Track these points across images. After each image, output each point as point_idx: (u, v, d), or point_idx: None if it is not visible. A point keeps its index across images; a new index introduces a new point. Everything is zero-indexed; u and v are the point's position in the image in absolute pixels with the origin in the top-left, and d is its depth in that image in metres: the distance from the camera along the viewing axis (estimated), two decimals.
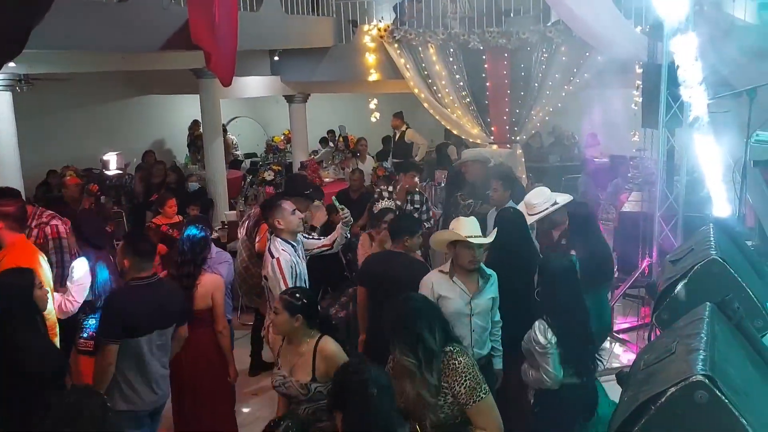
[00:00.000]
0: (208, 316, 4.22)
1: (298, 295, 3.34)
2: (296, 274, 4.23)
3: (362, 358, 3.28)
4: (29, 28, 3.13)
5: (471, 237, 3.70)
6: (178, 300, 3.95)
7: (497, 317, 3.93)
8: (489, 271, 3.86)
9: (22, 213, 4.17)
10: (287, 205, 4.34)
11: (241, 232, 5.72)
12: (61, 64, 7.56)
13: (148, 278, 3.79)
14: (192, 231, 4.37)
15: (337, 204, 4.82)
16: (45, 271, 3.99)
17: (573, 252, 4.28)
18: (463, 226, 3.78)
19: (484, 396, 2.86)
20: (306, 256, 4.55)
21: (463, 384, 2.84)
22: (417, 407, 2.87)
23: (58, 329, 3.97)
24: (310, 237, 4.80)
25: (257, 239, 5.35)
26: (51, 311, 3.87)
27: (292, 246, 4.34)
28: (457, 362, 2.87)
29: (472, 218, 3.92)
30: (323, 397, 3.16)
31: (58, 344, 3.84)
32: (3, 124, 6.65)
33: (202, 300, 4.16)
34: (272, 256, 4.22)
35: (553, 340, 3.39)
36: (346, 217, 4.70)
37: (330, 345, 3.30)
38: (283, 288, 4.09)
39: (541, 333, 3.41)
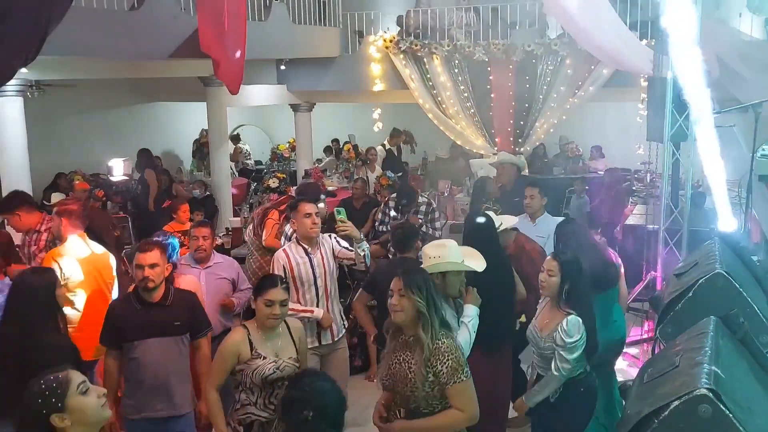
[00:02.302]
0: None
1: (286, 280, 3.59)
2: (294, 277, 4.24)
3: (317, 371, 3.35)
4: (44, 34, 3.18)
5: (472, 263, 3.68)
6: None
7: None
8: None
9: None
10: (302, 208, 4.32)
11: (249, 234, 5.78)
12: (71, 71, 7.63)
13: None
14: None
15: (337, 215, 4.50)
16: (66, 270, 4.26)
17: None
18: (452, 254, 3.61)
19: (465, 378, 2.96)
20: (336, 265, 4.52)
21: (445, 363, 2.93)
22: (404, 385, 3.01)
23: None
24: (345, 247, 4.61)
25: (264, 236, 5.45)
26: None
27: (304, 249, 4.33)
28: (440, 342, 2.97)
29: (452, 242, 3.82)
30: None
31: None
32: (13, 129, 6.70)
33: None
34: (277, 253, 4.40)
35: (584, 335, 3.51)
36: (343, 231, 4.39)
37: (294, 320, 3.68)
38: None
39: (576, 329, 3.49)
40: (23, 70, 4.58)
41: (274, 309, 3.34)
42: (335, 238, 4.50)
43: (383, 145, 11.26)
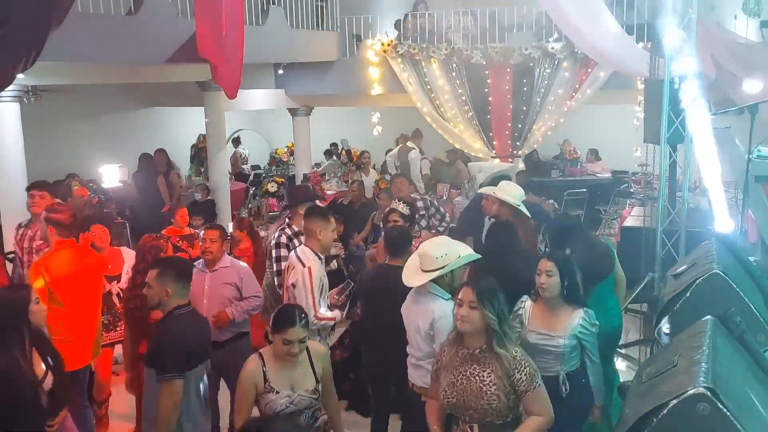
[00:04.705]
0: None
1: (305, 313, 3.33)
2: (323, 288, 4.21)
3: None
4: (44, 40, 3.19)
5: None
6: (209, 331, 3.77)
7: None
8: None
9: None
10: (332, 222, 4.32)
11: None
12: (68, 76, 7.62)
13: (187, 306, 3.52)
14: None
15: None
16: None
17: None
18: (454, 249, 3.70)
19: (540, 383, 3.00)
20: None
21: (523, 371, 2.94)
22: (478, 399, 2.95)
23: None
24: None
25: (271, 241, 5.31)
26: None
27: (320, 259, 4.30)
28: (515, 352, 2.99)
29: (447, 237, 3.93)
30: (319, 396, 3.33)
31: None
32: (10, 134, 6.70)
33: None
34: (303, 265, 4.15)
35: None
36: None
37: (318, 345, 3.56)
38: (310, 301, 4.06)
39: (594, 317, 3.61)
40: (20, 75, 4.57)
41: (293, 348, 3.17)
42: None
43: (416, 148, 11.09)
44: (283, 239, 5.16)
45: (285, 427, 2.31)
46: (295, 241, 5.04)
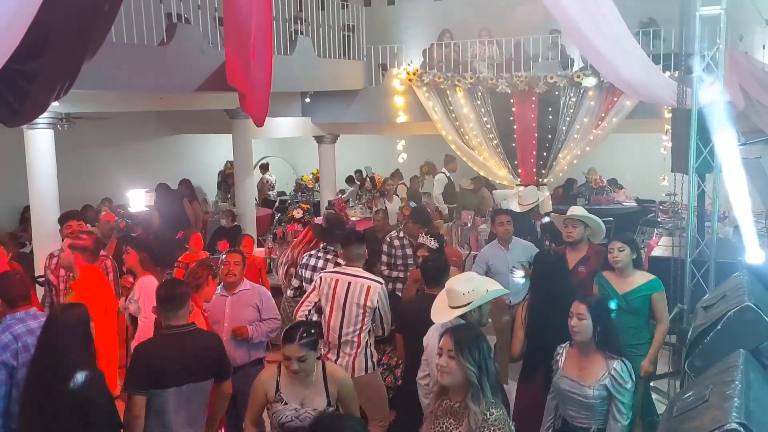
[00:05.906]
0: None
1: (313, 331, 3.30)
2: None
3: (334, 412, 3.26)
4: (78, 70, 3.29)
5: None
6: (215, 352, 3.67)
7: None
8: None
9: None
10: None
11: (281, 273, 5.81)
12: (101, 104, 7.83)
13: (181, 327, 3.58)
14: None
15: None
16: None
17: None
18: (479, 285, 3.70)
19: None
20: None
21: None
22: None
23: None
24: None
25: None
26: None
27: None
28: (489, 413, 2.72)
29: (473, 273, 4.11)
30: None
31: None
32: (44, 160, 6.88)
33: None
34: (378, 282, 4.49)
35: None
36: None
37: (338, 369, 3.54)
38: (390, 318, 4.47)
39: (628, 373, 3.43)
40: (54, 103, 4.71)
41: (291, 364, 3.20)
42: None
43: (443, 172, 11.19)
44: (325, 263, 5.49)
45: (352, 424, 2.33)
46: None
